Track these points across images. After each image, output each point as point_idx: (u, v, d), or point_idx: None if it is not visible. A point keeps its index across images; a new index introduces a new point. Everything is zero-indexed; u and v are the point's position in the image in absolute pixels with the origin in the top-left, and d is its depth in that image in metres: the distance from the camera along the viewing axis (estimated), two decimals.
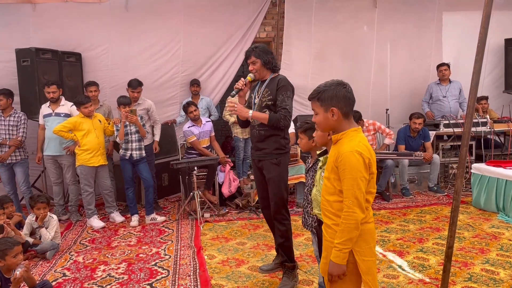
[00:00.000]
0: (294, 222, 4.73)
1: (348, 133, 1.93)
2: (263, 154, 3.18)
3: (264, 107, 3.11)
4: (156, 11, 6.21)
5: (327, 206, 1.96)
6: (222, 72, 6.63)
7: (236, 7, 6.43)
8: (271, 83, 3.14)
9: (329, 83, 1.99)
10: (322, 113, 1.94)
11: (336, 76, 6.70)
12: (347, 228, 1.81)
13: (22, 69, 5.36)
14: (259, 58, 3.12)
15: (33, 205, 4.10)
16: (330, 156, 1.98)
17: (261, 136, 3.16)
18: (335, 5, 6.59)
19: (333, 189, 1.92)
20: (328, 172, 1.98)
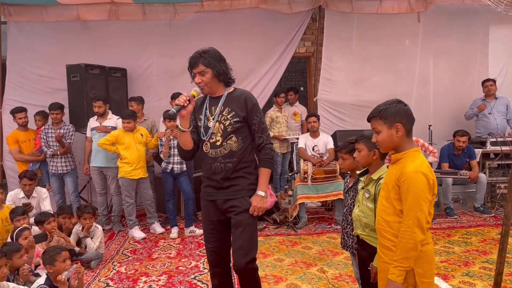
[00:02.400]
0: (333, 240, 4.70)
1: (410, 153, 1.94)
2: (232, 192, 2.50)
3: (229, 132, 2.47)
4: (198, 28, 6.38)
5: (385, 227, 1.95)
6: (261, 87, 6.69)
7: (276, 23, 6.50)
8: (231, 100, 2.50)
9: (389, 101, 2.02)
10: (385, 130, 1.95)
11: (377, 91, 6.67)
12: (404, 247, 1.80)
13: (72, 84, 5.64)
14: (210, 67, 2.40)
15: (80, 215, 4.27)
16: (389, 175, 1.98)
17: (229, 170, 2.48)
18: (377, 20, 6.53)
19: (393, 209, 1.91)
20: (386, 192, 1.97)
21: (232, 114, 2.46)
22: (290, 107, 6.86)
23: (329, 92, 6.51)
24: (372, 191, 2.37)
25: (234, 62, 6.45)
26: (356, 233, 2.54)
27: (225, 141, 2.46)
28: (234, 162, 2.47)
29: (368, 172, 2.51)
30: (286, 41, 6.56)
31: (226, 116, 2.47)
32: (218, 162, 2.48)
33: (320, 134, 5.63)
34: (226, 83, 2.52)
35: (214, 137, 2.48)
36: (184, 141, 2.50)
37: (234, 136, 2.47)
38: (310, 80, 7.07)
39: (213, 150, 2.49)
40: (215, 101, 2.52)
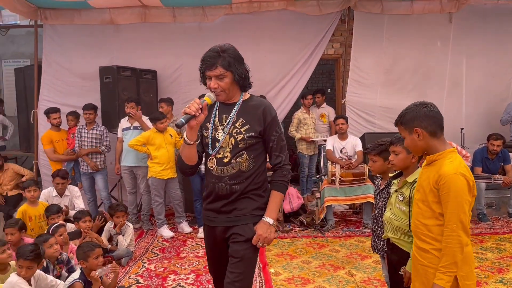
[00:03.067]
0: (361, 243, 4.65)
1: (446, 154, 1.90)
2: (234, 218, 2.10)
3: (241, 149, 2.07)
4: (226, 30, 6.44)
5: (423, 230, 1.92)
6: (288, 89, 6.68)
7: (304, 25, 6.49)
8: (246, 110, 2.10)
9: (410, 105, 2.00)
10: (408, 136, 1.96)
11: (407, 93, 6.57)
12: (451, 252, 1.78)
13: (104, 86, 5.79)
14: (230, 70, 2.00)
15: (113, 213, 4.37)
16: (425, 178, 1.94)
17: (234, 192, 2.08)
18: (407, 21, 6.43)
19: (431, 212, 1.88)
20: (423, 194, 1.94)
21: (247, 128, 2.07)
22: (317, 109, 6.82)
23: (357, 94, 6.44)
24: (406, 194, 2.33)
25: (260, 65, 6.59)
26: (386, 236, 2.51)
27: (234, 159, 2.06)
28: (243, 184, 2.07)
29: (402, 175, 2.48)
30: (314, 43, 6.54)
31: (239, 129, 2.08)
32: (223, 183, 2.07)
33: (349, 136, 5.58)
34: (244, 88, 2.13)
35: (222, 152, 2.08)
36: (189, 154, 2.08)
37: (245, 154, 2.07)
38: (338, 82, 7.02)
39: (219, 168, 2.08)
40: (227, 108, 2.12)
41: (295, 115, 6.46)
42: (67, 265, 3.43)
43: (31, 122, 6.44)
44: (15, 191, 5.87)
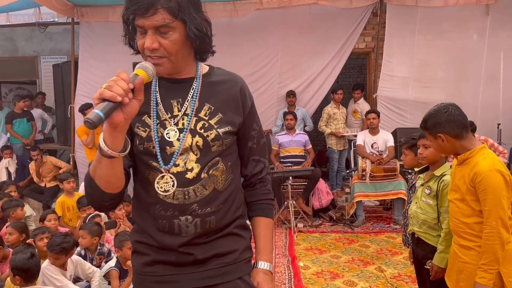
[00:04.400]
0: (392, 239, 4.60)
1: (478, 151, 1.91)
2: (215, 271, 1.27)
3: (215, 153, 1.27)
4: (256, 25, 6.46)
5: (464, 228, 1.92)
6: (318, 84, 6.64)
7: (335, 18, 6.42)
8: (211, 89, 1.31)
9: (431, 109, 2.03)
10: (433, 141, 2.01)
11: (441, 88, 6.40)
12: (491, 249, 1.77)
13: None
14: (181, 19, 1.18)
15: None
16: (460, 177, 1.94)
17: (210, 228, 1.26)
18: (442, 13, 6.26)
19: (471, 210, 1.88)
20: (461, 194, 1.94)
21: (219, 119, 1.28)
22: (353, 103, 6.75)
23: (389, 89, 6.33)
24: (434, 187, 2.31)
25: (290, 59, 6.58)
26: (411, 230, 2.49)
27: (205, 172, 1.25)
28: (221, 212, 1.26)
29: (428, 169, 2.46)
30: (345, 36, 6.46)
31: (207, 122, 1.27)
32: (190, 215, 1.22)
33: (380, 131, 5.50)
34: (202, 54, 1.31)
35: (182, 163, 1.24)
36: (110, 175, 1.15)
37: (221, 162, 1.27)
38: (370, 76, 6.92)
39: (180, 191, 1.23)
40: (178, 88, 1.28)
41: (325, 109, 6.42)
42: (107, 257, 3.55)
43: (68, 116, 6.68)
44: (53, 183, 6.12)
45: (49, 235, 3.37)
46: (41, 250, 3.32)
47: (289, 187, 5.07)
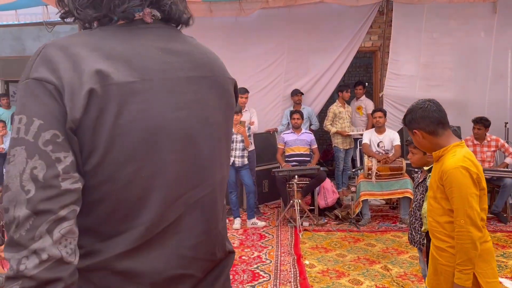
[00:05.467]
0: (398, 238, 4.58)
1: (450, 148, 1.87)
2: None
3: None
4: (262, 24, 6.47)
5: (438, 228, 1.89)
6: (324, 82, 6.64)
7: (341, 17, 6.42)
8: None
9: (411, 105, 2.02)
10: (412, 137, 2.00)
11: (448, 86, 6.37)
12: (463, 248, 1.73)
13: None
14: None
15: None
16: (433, 174, 1.93)
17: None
18: (448, 12, 6.23)
19: (442, 209, 1.85)
20: (433, 191, 1.92)
21: None
22: (356, 101, 6.75)
23: (396, 87, 6.31)
24: None
25: (295, 58, 6.57)
26: (425, 230, 2.48)
27: None
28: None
29: None
30: (351, 35, 6.45)
31: None
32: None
33: (386, 130, 5.49)
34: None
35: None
36: None
37: None
38: (376, 75, 6.90)
39: None
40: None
41: (330, 108, 6.42)
42: None
43: None
44: None
45: None
46: None
47: (295, 185, 5.07)
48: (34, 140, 0.74)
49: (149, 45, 0.88)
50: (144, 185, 0.83)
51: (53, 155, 0.75)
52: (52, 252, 0.72)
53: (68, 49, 0.80)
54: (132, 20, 0.89)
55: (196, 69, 0.93)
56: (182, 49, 0.94)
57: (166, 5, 0.91)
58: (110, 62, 0.81)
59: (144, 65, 0.85)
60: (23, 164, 0.74)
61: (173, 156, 0.86)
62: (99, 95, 0.78)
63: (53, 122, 0.76)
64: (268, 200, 6.40)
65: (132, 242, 0.82)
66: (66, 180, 0.75)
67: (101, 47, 0.83)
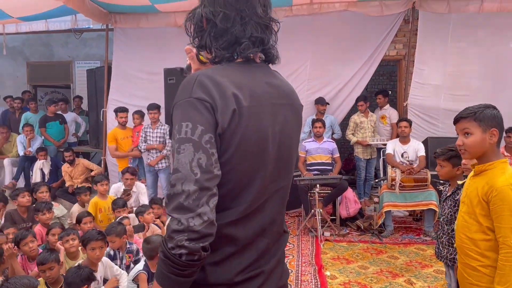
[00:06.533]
0: (422, 251, 4.49)
1: (498, 165, 1.80)
2: None
3: None
4: (286, 32, 6.43)
5: (470, 245, 1.82)
6: (347, 91, 6.58)
7: (365, 25, 6.36)
8: None
9: (482, 105, 1.89)
10: (479, 134, 1.80)
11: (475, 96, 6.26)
12: (510, 271, 1.66)
13: (168, 86, 6.00)
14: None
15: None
16: (473, 189, 1.84)
17: None
18: (476, 21, 6.11)
19: (478, 226, 1.78)
20: (469, 207, 1.84)
21: None
22: (379, 110, 6.66)
23: (421, 97, 6.21)
24: None
25: (319, 66, 6.53)
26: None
27: None
28: None
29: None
30: (376, 44, 6.39)
31: None
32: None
33: (411, 140, 5.40)
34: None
35: None
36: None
37: None
38: (401, 84, 6.81)
39: None
40: None
41: (352, 118, 6.36)
42: (136, 256, 3.62)
43: (100, 120, 6.86)
44: (84, 184, 6.28)
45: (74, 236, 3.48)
46: (68, 251, 3.42)
47: (316, 195, 5.03)
48: (198, 140, 1.09)
49: (259, 79, 1.26)
50: (251, 175, 1.18)
51: (210, 150, 1.10)
52: (210, 216, 1.07)
53: (214, 79, 1.15)
54: (249, 59, 1.26)
55: (284, 98, 1.31)
56: (276, 83, 1.30)
57: (269, 51, 1.30)
58: (239, 90, 1.17)
59: (258, 94, 1.22)
60: (192, 155, 1.08)
61: (271, 156, 1.22)
62: (237, 114, 1.14)
63: (210, 129, 1.11)
64: (288, 208, 6.35)
65: (236, 215, 1.17)
66: (216, 168, 1.10)
67: (233, 79, 1.18)
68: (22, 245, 3.39)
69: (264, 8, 1.27)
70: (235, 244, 1.18)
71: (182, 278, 1.08)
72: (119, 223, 3.72)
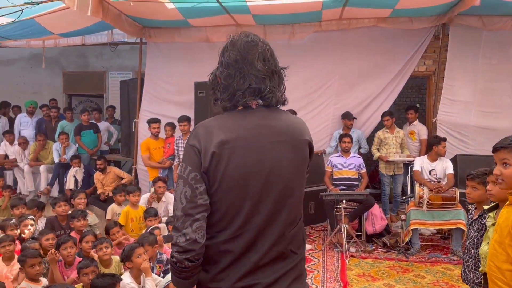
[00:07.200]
0: (449, 271, 4.44)
1: None
2: None
3: None
4: (315, 47, 6.55)
5: (497, 274, 1.84)
6: (375, 107, 6.58)
7: (395, 41, 6.37)
8: None
9: None
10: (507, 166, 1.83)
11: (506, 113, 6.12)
12: None
13: (198, 99, 6.19)
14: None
15: None
16: (505, 218, 1.84)
17: None
18: (508, 38, 6.03)
19: (506, 256, 1.79)
20: (500, 236, 1.84)
21: None
22: (408, 125, 6.61)
23: (450, 113, 6.16)
24: None
25: (347, 81, 6.56)
26: (483, 271, 2.42)
27: None
28: None
29: (498, 207, 2.38)
30: (405, 59, 6.39)
31: None
32: None
33: (439, 157, 5.35)
34: None
35: None
36: None
37: None
38: (430, 100, 6.75)
39: None
40: None
41: (377, 134, 6.33)
42: (166, 266, 3.74)
43: (132, 130, 7.08)
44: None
45: (107, 244, 3.63)
46: (101, 259, 3.57)
47: (342, 210, 5.05)
48: (186, 177, 1.43)
49: (252, 122, 1.49)
50: (238, 203, 1.44)
51: (194, 185, 1.42)
52: (191, 236, 1.40)
53: (207, 127, 1.47)
54: (247, 106, 1.50)
55: (278, 136, 1.50)
56: (271, 123, 1.51)
57: (267, 97, 1.51)
58: (227, 133, 1.44)
59: (246, 136, 1.46)
60: (181, 189, 1.44)
61: (255, 189, 1.44)
62: (216, 155, 1.41)
63: (196, 168, 1.43)
64: (314, 222, 6.39)
65: (230, 234, 1.45)
66: (201, 199, 1.42)
67: (224, 125, 1.47)
68: (62, 249, 3.57)
69: (264, 63, 1.50)
70: (231, 256, 1.45)
71: (181, 279, 1.47)
72: (151, 233, 3.86)
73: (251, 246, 1.45)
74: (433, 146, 5.32)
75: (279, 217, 1.48)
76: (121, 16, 5.81)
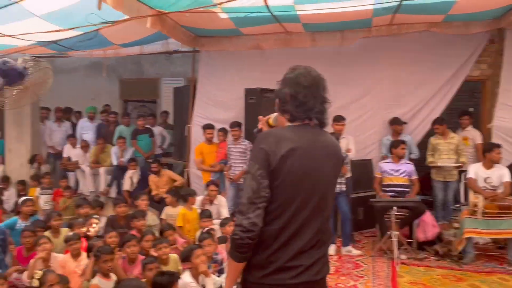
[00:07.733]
0: (505, 282, 4.36)
1: None
2: None
3: None
4: (365, 53, 6.55)
5: None
6: (426, 112, 6.49)
7: (447, 45, 6.25)
8: None
9: None
10: None
11: None
12: None
13: (248, 105, 6.39)
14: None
15: None
16: None
17: None
18: None
19: None
20: None
21: None
22: (462, 131, 6.45)
23: (507, 119, 5.95)
24: None
25: (397, 87, 6.51)
26: None
27: None
28: None
29: None
30: (458, 64, 6.26)
31: None
32: None
33: (495, 165, 5.20)
34: None
35: None
36: None
37: None
38: (485, 105, 6.57)
39: None
40: None
41: (430, 140, 6.24)
42: (221, 265, 3.93)
43: (184, 135, 7.39)
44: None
45: (166, 244, 3.88)
46: (160, 258, 3.80)
47: (393, 217, 5.03)
48: (254, 173, 1.77)
49: (309, 137, 1.87)
50: (292, 197, 1.79)
51: (260, 180, 1.76)
52: (253, 220, 1.73)
53: (276, 135, 1.83)
54: (304, 123, 1.88)
55: (326, 149, 1.91)
56: (322, 139, 1.91)
57: (323, 119, 1.91)
58: (294, 143, 1.81)
59: (305, 146, 1.83)
60: (249, 181, 1.77)
61: (306, 188, 1.81)
62: (284, 158, 1.77)
63: (262, 166, 1.76)
64: (362, 228, 6.38)
65: (281, 223, 1.79)
66: (263, 191, 1.75)
67: (291, 137, 1.83)
68: (126, 247, 3.84)
69: (323, 91, 1.91)
70: (280, 242, 1.79)
71: (238, 253, 1.78)
72: (208, 232, 4.08)
73: (296, 234, 1.80)
74: (486, 153, 5.19)
75: (319, 213, 1.85)
76: (176, 27, 6.11)
